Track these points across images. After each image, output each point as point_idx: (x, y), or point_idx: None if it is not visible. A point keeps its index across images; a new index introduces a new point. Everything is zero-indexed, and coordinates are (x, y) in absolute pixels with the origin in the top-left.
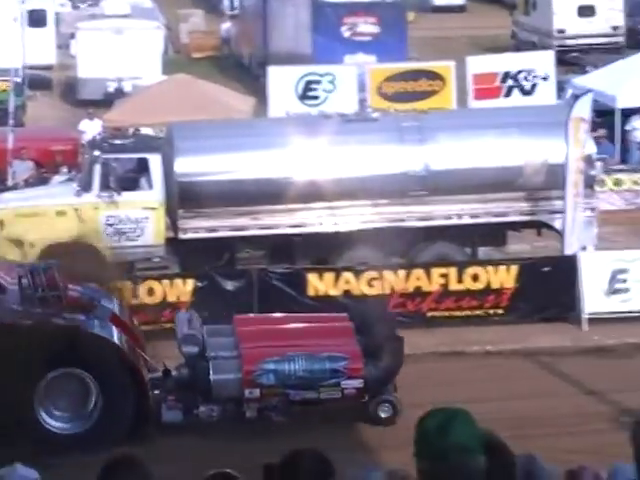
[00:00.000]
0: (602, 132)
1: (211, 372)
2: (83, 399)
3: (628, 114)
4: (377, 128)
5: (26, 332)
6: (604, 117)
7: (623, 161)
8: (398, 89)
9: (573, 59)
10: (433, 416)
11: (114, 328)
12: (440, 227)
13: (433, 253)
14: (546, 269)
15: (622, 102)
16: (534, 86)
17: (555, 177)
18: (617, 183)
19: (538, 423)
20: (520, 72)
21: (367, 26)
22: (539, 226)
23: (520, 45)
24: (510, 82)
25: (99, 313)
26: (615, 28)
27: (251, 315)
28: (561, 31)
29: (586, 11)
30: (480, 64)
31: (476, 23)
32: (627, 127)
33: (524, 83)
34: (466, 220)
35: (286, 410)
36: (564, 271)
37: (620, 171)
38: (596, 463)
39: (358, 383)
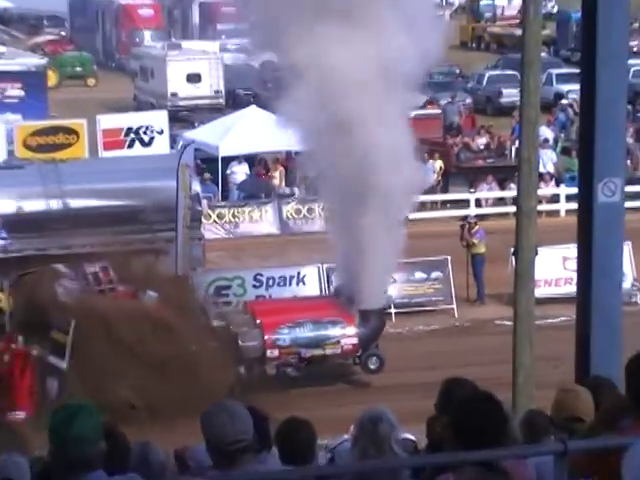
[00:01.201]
0: (207, 176)
1: (239, 340)
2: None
3: (228, 161)
4: (23, 174)
5: None
6: (209, 163)
7: (224, 198)
8: (40, 142)
9: (184, 117)
10: (61, 410)
11: None
12: (79, 255)
13: None
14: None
15: (223, 151)
16: (152, 139)
17: (169, 212)
18: (220, 216)
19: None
20: (140, 127)
21: (14, 90)
22: (157, 253)
23: (141, 105)
24: (132, 136)
25: None
26: (217, 92)
27: (260, 299)
28: (174, 94)
29: (194, 78)
30: (108, 121)
31: (105, 88)
32: (228, 171)
33: (144, 137)
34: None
35: (299, 366)
36: (179, 290)
37: (222, 207)
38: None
39: (354, 340)
